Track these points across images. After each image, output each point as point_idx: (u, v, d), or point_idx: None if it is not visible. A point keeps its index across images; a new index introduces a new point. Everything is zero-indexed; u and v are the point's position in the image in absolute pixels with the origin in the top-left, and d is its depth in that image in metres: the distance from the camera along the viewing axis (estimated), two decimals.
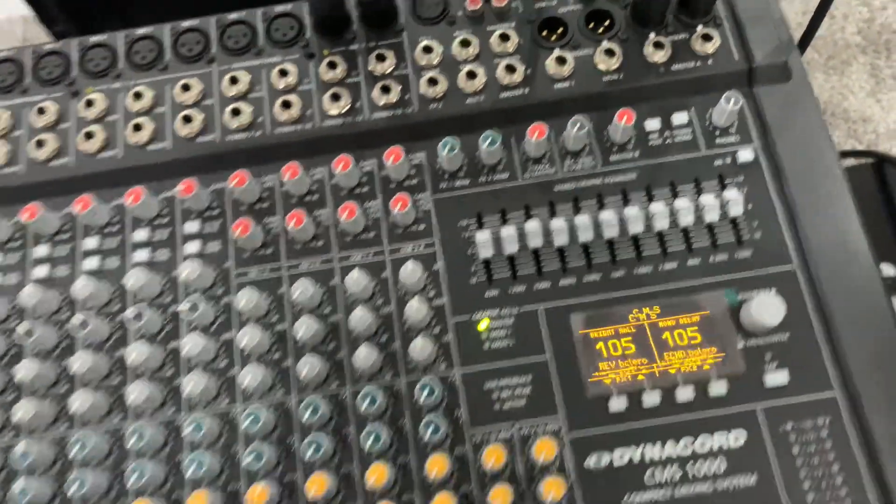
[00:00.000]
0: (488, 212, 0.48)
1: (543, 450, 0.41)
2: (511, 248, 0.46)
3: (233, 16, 0.53)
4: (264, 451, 0.42)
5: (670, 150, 0.49)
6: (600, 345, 0.45)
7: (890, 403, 0.42)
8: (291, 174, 0.47)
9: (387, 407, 0.44)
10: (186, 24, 0.53)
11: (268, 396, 0.45)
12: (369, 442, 0.41)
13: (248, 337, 0.44)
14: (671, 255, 0.46)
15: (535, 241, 0.47)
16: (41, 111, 0.51)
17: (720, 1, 0.51)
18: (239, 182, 0.47)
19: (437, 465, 0.41)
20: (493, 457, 0.41)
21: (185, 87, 0.51)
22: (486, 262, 0.47)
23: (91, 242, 0.49)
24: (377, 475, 0.41)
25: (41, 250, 0.49)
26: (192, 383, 0.43)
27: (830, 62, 1.39)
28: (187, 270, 0.45)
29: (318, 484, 0.41)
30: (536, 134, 0.47)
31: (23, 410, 0.43)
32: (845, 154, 0.71)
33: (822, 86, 1.35)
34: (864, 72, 1.35)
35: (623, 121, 0.47)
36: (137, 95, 0.51)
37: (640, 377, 0.44)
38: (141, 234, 0.49)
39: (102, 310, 0.47)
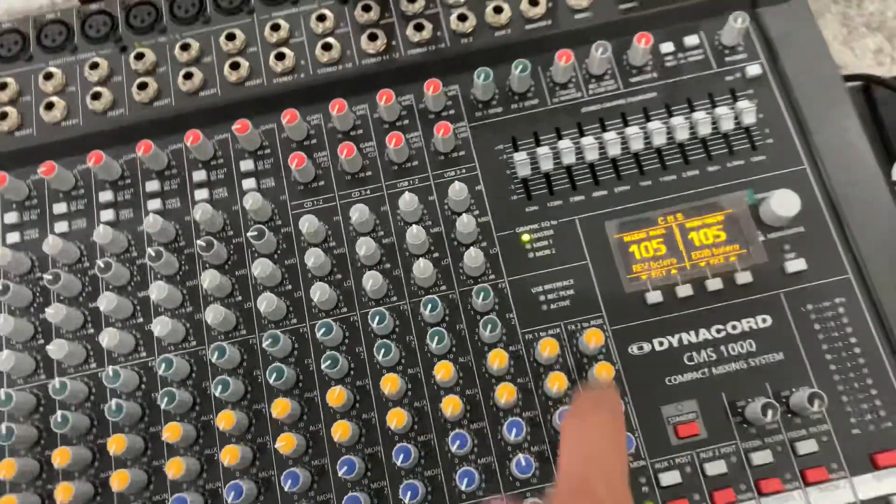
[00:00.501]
0: (522, 136, 0.52)
1: (593, 337, 0.45)
2: (546, 165, 0.50)
3: None
4: (339, 360, 0.45)
5: (685, 69, 0.53)
6: (633, 247, 0.49)
7: (894, 279, 0.47)
8: (338, 110, 0.50)
9: (445, 314, 0.48)
10: None
11: (333, 313, 0.49)
12: (433, 343, 0.45)
13: (313, 259, 0.47)
14: (693, 163, 0.51)
15: (569, 159, 0.51)
16: (94, 66, 0.54)
17: None
18: (290, 119, 0.50)
19: (497, 358, 0.45)
20: (547, 347, 0.45)
21: (230, 37, 0.54)
22: (524, 181, 0.51)
23: (153, 185, 0.52)
24: (444, 371, 0.45)
25: (106, 195, 0.52)
26: (265, 303, 0.47)
27: None
28: (251, 201, 0.49)
29: (391, 382, 0.45)
30: (564, 59, 0.51)
31: (108, 337, 0.46)
32: None
33: None
34: (836, 21, 1.40)
35: (642, 43, 0.51)
36: (185, 47, 0.54)
37: (674, 272, 0.48)
38: (200, 175, 0.52)
39: (170, 245, 0.51)
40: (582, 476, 0.29)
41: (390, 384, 0.45)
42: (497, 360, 0.45)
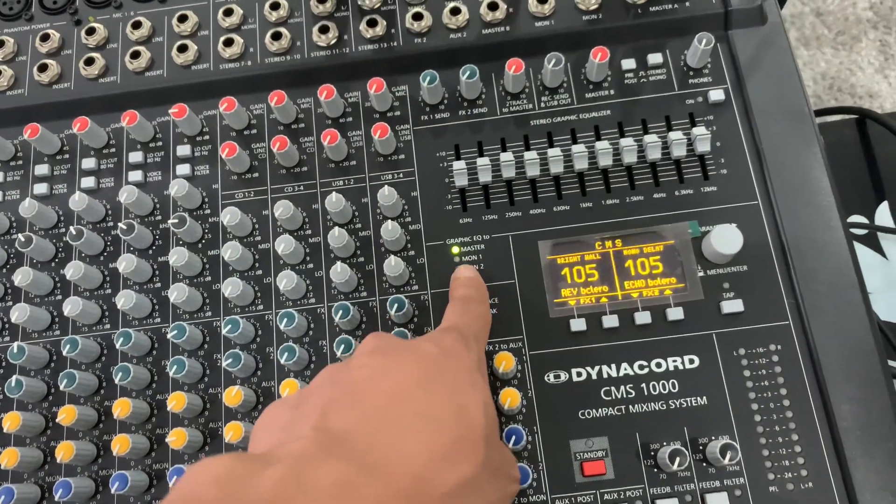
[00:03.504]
0: (466, 144, 0.50)
1: (503, 361, 0.43)
2: (485, 177, 0.48)
3: None
4: (241, 357, 0.44)
5: (644, 89, 0.50)
6: (566, 270, 0.47)
7: (839, 334, 0.44)
8: (278, 101, 0.49)
9: (361, 321, 0.46)
10: None
11: (248, 309, 0.47)
12: (339, 352, 0.44)
13: (231, 252, 0.46)
14: (638, 189, 0.48)
15: (509, 172, 0.48)
16: (45, 38, 0.53)
17: None
18: (228, 107, 0.49)
19: None
20: None
21: (182, 19, 0.53)
22: (462, 191, 0.49)
23: (89, 163, 0.52)
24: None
25: (42, 169, 0.51)
26: (177, 293, 0.46)
27: (840, 37, 1.38)
28: (176, 188, 0.48)
29: (290, 388, 0.43)
30: (514, 68, 0.49)
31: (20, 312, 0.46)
32: (830, 111, 0.71)
33: (831, 61, 1.35)
34: (873, 48, 1.34)
35: (598, 58, 0.48)
36: (136, 25, 0.53)
37: (603, 300, 0.46)
38: (137, 156, 0.51)
39: (98, 224, 0.50)
40: (455, 325, 0.40)
41: (289, 390, 0.43)
42: None
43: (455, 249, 0.48)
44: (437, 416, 0.32)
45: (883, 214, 0.62)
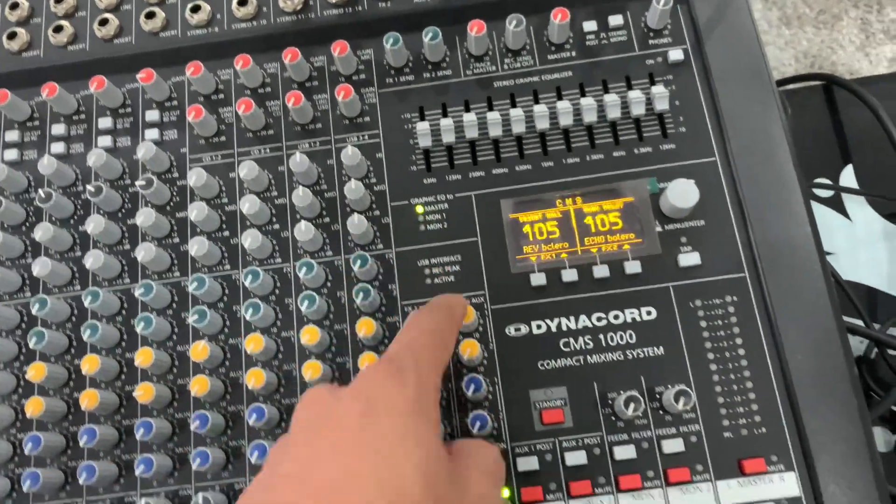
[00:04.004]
0: (430, 106, 0.51)
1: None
2: (448, 138, 0.49)
3: None
4: (207, 314, 0.45)
5: (605, 50, 0.51)
6: (527, 228, 0.48)
7: (794, 287, 0.45)
8: (243, 64, 0.50)
9: (326, 278, 0.47)
10: None
11: (216, 268, 0.48)
12: (304, 307, 0.45)
13: (197, 212, 0.47)
14: (599, 147, 0.49)
15: (472, 133, 0.49)
16: (14, 6, 0.54)
17: None
18: (195, 72, 0.50)
19: (364, 327, 0.44)
20: None
21: None
22: (426, 152, 0.50)
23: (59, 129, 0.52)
24: (310, 335, 0.44)
25: (12, 135, 0.52)
26: (144, 253, 0.46)
27: (821, 16, 1.39)
28: (143, 151, 0.48)
29: (255, 342, 0.44)
30: (476, 29, 0.49)
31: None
32: (797, 78, 0.72)
33: (812, 40, 1.35)
34: (854, 26, 1.35)
35: (558, 19, 0.49)
36: None
37: (563, 256, 0.47)
38: (106, 122, 0.52)
39: (68, 189, 0.51)
40: (395, 352, 0.35)
41: (254, 344, 0.44)
42: (364, 328, 0.44)
43: (419, 209, 0.49)
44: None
45: (847, 177, 0.63)
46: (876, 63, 1.37)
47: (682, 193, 0.45)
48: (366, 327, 0.44)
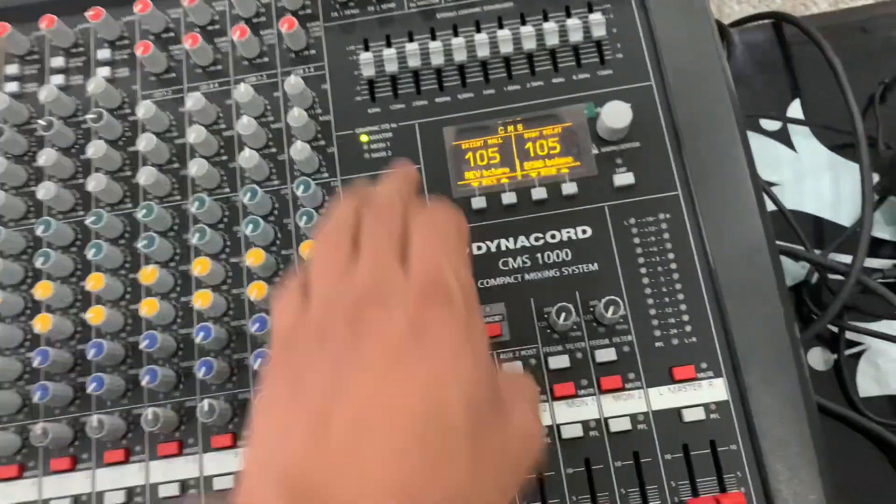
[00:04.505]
0: (374, 38, 0.52)
1: None
2: (391, 67, 0.50)
3: None
4: (155, 241, 0.46)
5: None
6: (469, 155, 0.49)
7: (725, 204, 0.46)
8: (189, 1, 0.51)
9: (272, 206, 0.49)
10: None
11: (167, 199, 0.50)
12: (248, 230, 0.46)
13: (145, 143, 0.48)
14: (538, 74, 0.50)
15: (415, 62, 0.50)
16: None
17: None
18: (143, 8, 0.51)
19: (307, 248, 0.45)
20: None
21: None
22: (370, 82, 0.51)
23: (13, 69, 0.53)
24: (254, 258, 0.45)
25: None
26: (94, 183, 0.48)
27: None
28: (92, 86, 0.50)
29: (201, 265, 0.46)
30: None
31: None
32: (748, 19, 0.73)
33: None
34: None
35: None
36: None
37: (503, 181, 0.48)
38: (58, 61, 0.53)
39: (22, 127, 0.52)
40: (434, 273, 0.31)
41: (200, 266, 0.46)
42: (308, 250, 0.45)
43: (364, 138, 0.50)
44: (404, 437, 0.27)
45: (795, 111, 0.64)
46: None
47: (615, 114, 0.47)
48: (310, 249, 0.45)
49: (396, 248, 0.32)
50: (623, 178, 0.47)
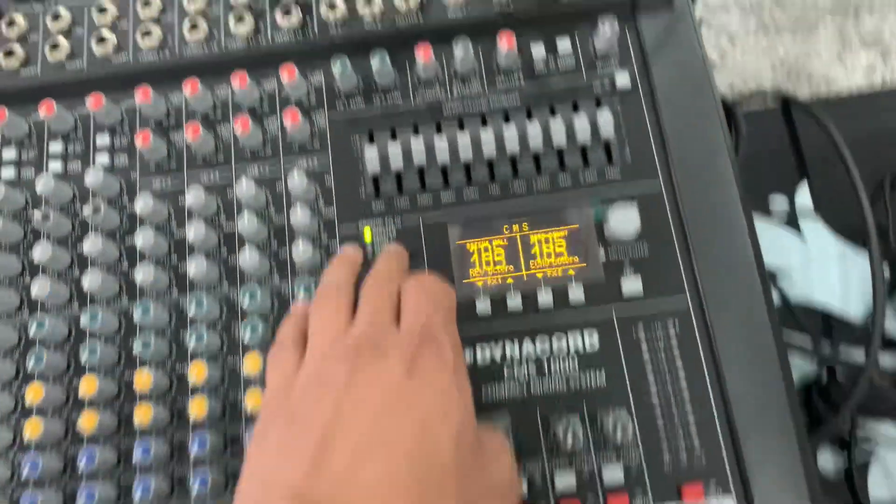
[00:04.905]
0: (379, 130, 0.51)
1: None
2: (397, 164, 0.49)
3: None
4: (151, 342, 0.45)
5: (553, 74, 0.51)
6: (475, 257, 0.48)
7: (736, 313, 0.45)
8: (192, 90, 0.50)
9: (272, 305, 0.47)
10: None
11: (162, 297, 0.48)
12: (248, 334, 0.45)
13: (143, 239, 0.47)
14: (545, 172, 0.49)
15: (420, 159, 0.49)
16: None
17: None
18: (143, 97, 0.50)
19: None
20: None
21: (101, 10, 0.53)
22: (375, 177, 0.50)
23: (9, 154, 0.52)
24: (251, 363, 0.44)
25: None
26: (90, 278, 0.47)
27: (799, 23, 1.39)
28: (90, 177, 0.49)
29: (197, 369, 0.44)
30: (423, 53, 0.50)
31: None
32: (755, 97, 0.72)
33: (789, 47, 1.36)
34: (831, 35, 1.36)
35: (504, 43, 0.49)
36: (55, 16, 0.54)
37: (509, 281, 0.47)
38: (57, 146, 0.52)
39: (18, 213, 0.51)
40: (425, 326, 0.36)
41: (196, 371, 0.44)
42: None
43: (368, 234, 0.49)
44: (401, 470, 0.30)
45: (803, 195, 0.63)
46: (851, 70, 1.37)
47: (623, 220, 0.46)
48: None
49: (391, 309, 0.37)
50: (631, 283, 0.46)
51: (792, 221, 0.62)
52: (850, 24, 1.40)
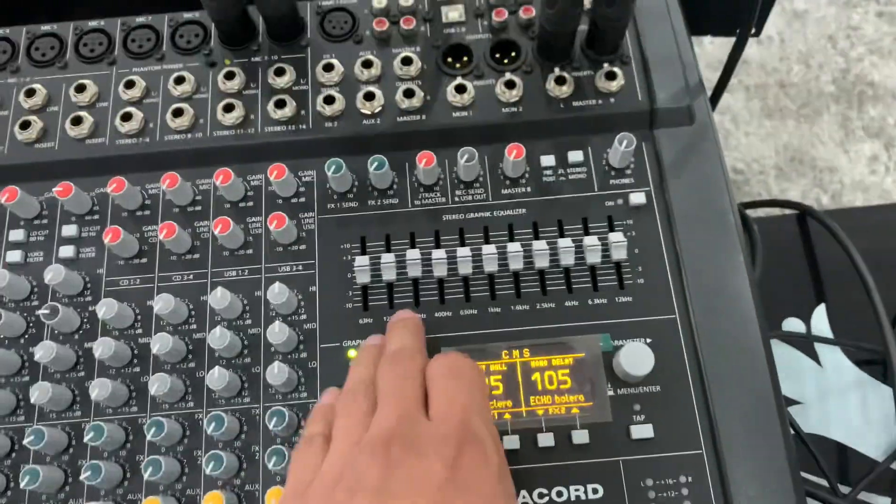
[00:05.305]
0: (373, 237, 0.47)
1: None
2: (389, 275, 0.45)
3: (139, 19, 0.52)
4: (102, 467, 0.40)
5: (563, 188, 0.48)
6: None
7: (752, 467, 0.41)
8: (171, 183, 0.46)
9: (240, 430, 0.43)
10: (91, 24, 0.52)
11: (121, 410, 0.43)
12: (208, 469, 0.40)
13: (103, 348, 0.42)
14: (550, 295, 0.45)
15: (415, 271, 0.45)
16: None
17: (630, 40, 0.50)
18: (117, 188, 0.46)
19: (274, 496, 0.39)
20: None
21: (80, 88, 0.50)
22: (364, 288, 0.46)
23: None
24: (213, 501, 0.39)
25: None
26: (39, 393, 0.42)
27: (803, 110, 1.39)
28: (51, 275, 0.44)
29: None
30: (424, 162, 0.46)
31: None
32: (769, 203, 0.69)
33: (793, 133, 1.35)
34: (834, 122, 1.35)
35: (512, 156, 0.46)
36: (30, 92, 0.50)
37: (506, 416, 0.43)
38: (18, 234, 0.48)
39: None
40: (463, 420, 0.31)
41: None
42: (274, 499, 0.39)
43: (352, 353, 0.44)
44: None
45: (819, 318, 0.59)
46: (855, 160, 1.36)
47: (636, 360, 0.42)
48: (276, 497, 0.39)
49: (418, 396, 0.33)
50: (641, 429, 0.42)
51: (807, 349, 0.58)
52: (854, 113, 1.39)
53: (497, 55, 0.50)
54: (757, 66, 1.41)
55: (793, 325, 0.59)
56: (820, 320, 0.59)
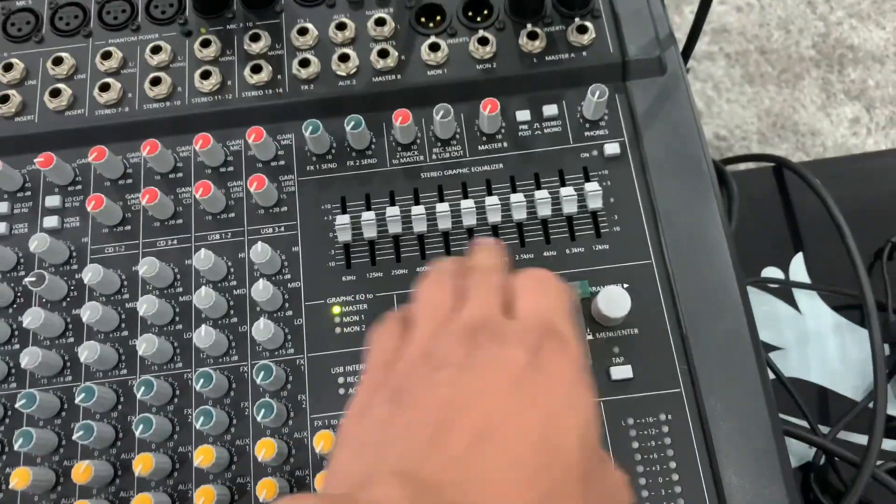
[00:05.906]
0: (353, 196, 0.48)
1: None
2: (370, 233, 0.46)
3: None
4: (94, 427, 0.41)
5: (539, 141, 0.48)
6: None
7: (730, 405, 0.42)
8: (151, 150, 0.46)
9: (229, 387, 0.43)
10: None
11: (111, 373, 0.44)
12: (198, 423, 0.41)
13: (90, 312, 0.43)
14: (528, 246, 0.46)
15: (395, 228, 0.46)
16: None
17: None
18: (98, 157, 0.46)
19: (265, 448, 0.40)
20: (321, 441, 0.40)
21: (58, 61, 0.50)
22: (346, 246, 0.47)
23: None
24: (204, 455, 0.40)
25: None
26: (28, 358, 0.42)
27: (783, 75, 1.39)
28: (36, 243, 0.45)
29: (144, 462, 0.40)
30: (400, 119, 0.46)
31: None
32: (747, 158, 0.70)
33: (774, 98, 1.36)
34: (815, 86, 1.35)
35: (487, 110, 0.46)
36: (7, 67, 0.50)
37: None
38: (2, 207, 0.48)
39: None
40: (547, 319, 0.31)
41: (143, 464, 0.40)
42: (264, 449, 0.40)
43: (336, 310, 0.45)
44: (525, 459, 0.27)
45: (797, 266, 0.61)
46: (837, 123, 1.37)
47: (613, 302, 0.42)
48: (266, 448, 0.40)
49: (501, 300, 0.32)
50: (621, 370, 0.43)
51: (786, 296, 0.60)
52: (834, 76, 1.40)
53: (469, 13, 0.51)
54: (737, 33, 1.41)
55: (772, 273, 0.60)
56: (798, 268, 0.60)
